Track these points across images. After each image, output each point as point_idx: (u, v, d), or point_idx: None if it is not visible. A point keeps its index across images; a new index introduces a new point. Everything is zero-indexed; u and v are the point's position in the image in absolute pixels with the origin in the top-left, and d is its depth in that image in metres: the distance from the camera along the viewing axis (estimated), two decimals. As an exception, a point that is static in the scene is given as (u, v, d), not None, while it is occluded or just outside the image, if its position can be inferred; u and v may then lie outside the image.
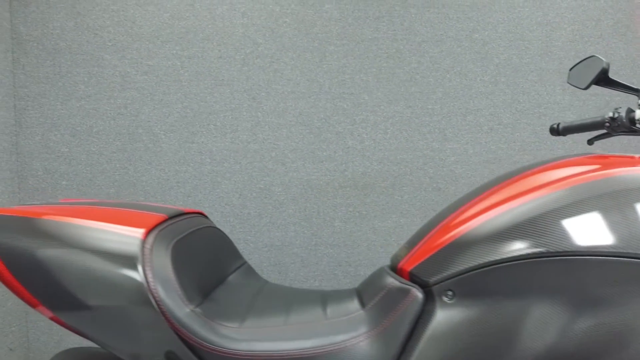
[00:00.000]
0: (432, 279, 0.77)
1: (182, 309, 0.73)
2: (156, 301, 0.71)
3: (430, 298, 0.77)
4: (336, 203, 2.29)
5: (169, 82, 2.31)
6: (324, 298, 0.86)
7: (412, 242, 0.87)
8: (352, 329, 0.76)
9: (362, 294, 0.85)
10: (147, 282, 0.71)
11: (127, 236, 0.75)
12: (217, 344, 0.73)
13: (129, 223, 0.77)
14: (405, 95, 2.29)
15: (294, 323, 0.78)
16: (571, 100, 2.29)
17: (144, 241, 0.75)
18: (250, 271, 0.95)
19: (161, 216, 0.79)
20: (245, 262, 0.96)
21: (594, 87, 2.26)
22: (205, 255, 0.85)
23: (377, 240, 2.31)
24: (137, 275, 0.71)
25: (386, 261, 2.33)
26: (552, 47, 2.32)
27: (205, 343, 0.72)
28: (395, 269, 0.86)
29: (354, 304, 0.83)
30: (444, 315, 0.75)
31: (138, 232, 0.76)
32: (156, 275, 0.72)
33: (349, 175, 2.29)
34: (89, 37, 2.32)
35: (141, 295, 0.71)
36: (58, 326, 2.36)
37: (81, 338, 2.37)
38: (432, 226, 0.87)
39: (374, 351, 0.75)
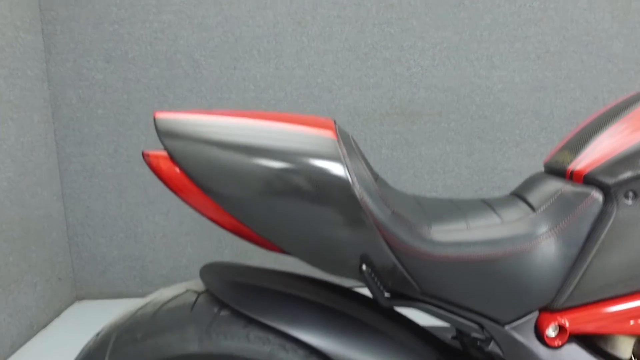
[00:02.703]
0: (613, 180, 0.77)
1: (384, 210, 0.72)
2: (361, 200, 0.69)
3: (609, 200, 0.77)
4: (383, 130, 2.28)
5: (208, 5, 2.20)
6: (489, 204, 0.86)
7: (577, 147, 0.87)
8: (530, 231, 0.77)
9: (526, 199, 0.85)
10: (352, 181, 0.69)
11: (321, 137, 0.72)
12: (416, 246, 0.72)
13: (314, 125, 0.75)
14: (454, 21, 2.23)
15: (475, 227, 0.78)
16: (620, 28, 2.27)
17: (337, 141, 0.72)
18: (384, 181, 0.94)
19: (329, 120, 0.76)
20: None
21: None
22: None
23: (424, 168, 2.32)
24: (342, 173, 0.69)
25: (432, 188, 2.35)
26: (603, -29, 2.27)
27: (406, 244, 0.72)
28: (559, 173, 0.86)
29: (524, 208, 0.83)
30: (625, 216, 0.76)
31: (329, 134, 0.73)
32: (357, 175, 0.70)
33: (396, 103, 2.26)
34: (120, -46, 2.16)
35: (347, 195, 0.69)
36: (101, 256, 2.35)
37: (125, 266, 2.36)
38: (596, 131, 0.86)
39: (553, 252, 0.76)
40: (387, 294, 0.76)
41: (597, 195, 0.77)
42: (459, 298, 0.75)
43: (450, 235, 0.75)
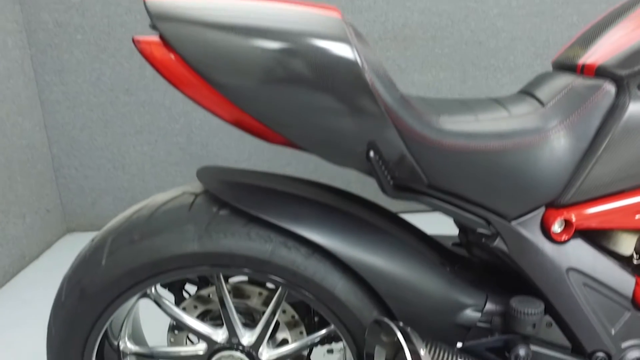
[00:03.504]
0: (627, 72, 0.75)
1: (394, 95, 0.69)
2: (371, 83, 0.66)
3: (621, 92, 0.75)
4: None
5: None
6: (497, 101, 0.84)
7: (587, 42, 0.83)
8: (539, 124, 0.75)
9: (535, 94, 0.82)
10: (361, 63, 0.65)
11: (328, 17, 0.67)
12: (425, 133, 0.70)
13: (319, 6, 0.70)
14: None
15: (484, 120, 0.75)
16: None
17: (343, 21, 0.67)
18: None
19: (335, 7, 0.71)
20: None
21: None
22: None
23: (417, 94, 2.27)
24: (350, 55, 0.65)
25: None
26: None
27: (415, 130, 0.69)
28: (569, 68, 0.83)
29: (533, 103, 0.80)
30: (638, 108, 0.74)
31: (336, 14, 0.68)
32: (365, 57, 0.66)
33: (389, 27, 2.18)
34: None
35: (356, 77, 0.65)
36: (90, 188, 2.31)
37: (115, 198, 2.33)
38: (607, 27, 0.83)
39: (562, 146, 0.74)
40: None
41: (610, 88, 0.75)
42: (466, 191, 0.73)
43: (459, 125, 0.73)
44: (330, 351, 1.06)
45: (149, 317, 1.05)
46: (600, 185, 0.75)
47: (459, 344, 0.79)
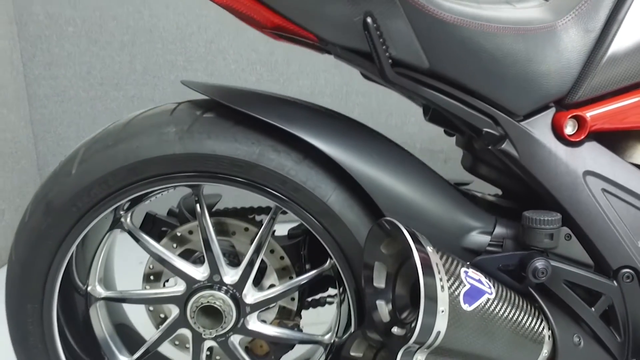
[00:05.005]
0: None
1: None
2: None
3: None
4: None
5: None
6: None
7: None
8: (544, 15, 0.71)
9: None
10: None
11: None
12: (426, 3, 0.64)
13: None
14: None
15: (487, 8, 0.71)
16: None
17: None
18: None
19: None
20: None
21: None
22: None
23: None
24: None
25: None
26: None
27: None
28: None
29: (538, 1, 0.76)
30: None
31: None
32: None
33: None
34: None
35: None
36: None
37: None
38: None
39: (570, 37, 0.69)
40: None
41: None
42: (469, 79, 0.67)
43: (463, 7, 0.68)
44: (323, 302, 0.96)
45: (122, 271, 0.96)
46: (612, 80, 0.70)
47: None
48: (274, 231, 0.84)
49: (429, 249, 0.61)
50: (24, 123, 2.13)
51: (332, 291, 0.95)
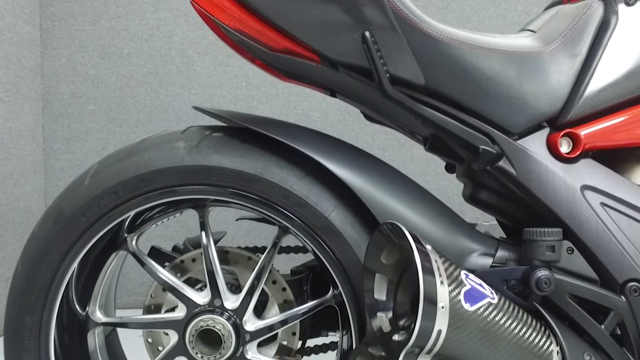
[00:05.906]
0: None
1: None
2: None
3: (609, 6, 0.77)
4: (375, 130, 2.28)
5: (204, 6, 2.28)
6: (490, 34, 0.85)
7: None
8: (533, 43, 0.76)
9: (527, 28, 0.85)
10: None
11: None
12: (422, 25, 0.70)
13: None
14: (442, 22, 2.32)
15: (480, 36, 0.76)
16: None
17: None
18: None
19: None
20: None
21: None
22: None
23: (415, 169, 2.30)
24: None
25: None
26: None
27: (411, 16, 0.70)
28: (557, 3, 0.86)
29: (525, 33, 0.82)
30: (627, 20, 0.76)
31: None
32: None
33: (387, 100, 2.29)
34: (122, -43, 2.27)
35: None
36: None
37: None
38: None
39: (559, 58, 0.75)
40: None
41: (597, 5, 0.78)
42: (464, 97, 0.71)
43: (454, 29, 0.74)
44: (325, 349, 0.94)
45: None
46: (601, 99, 0.74)
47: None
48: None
49: (429, 247, 0.61)
50: (38, 194, 2.19)
51: (333, 338, 0.93)
